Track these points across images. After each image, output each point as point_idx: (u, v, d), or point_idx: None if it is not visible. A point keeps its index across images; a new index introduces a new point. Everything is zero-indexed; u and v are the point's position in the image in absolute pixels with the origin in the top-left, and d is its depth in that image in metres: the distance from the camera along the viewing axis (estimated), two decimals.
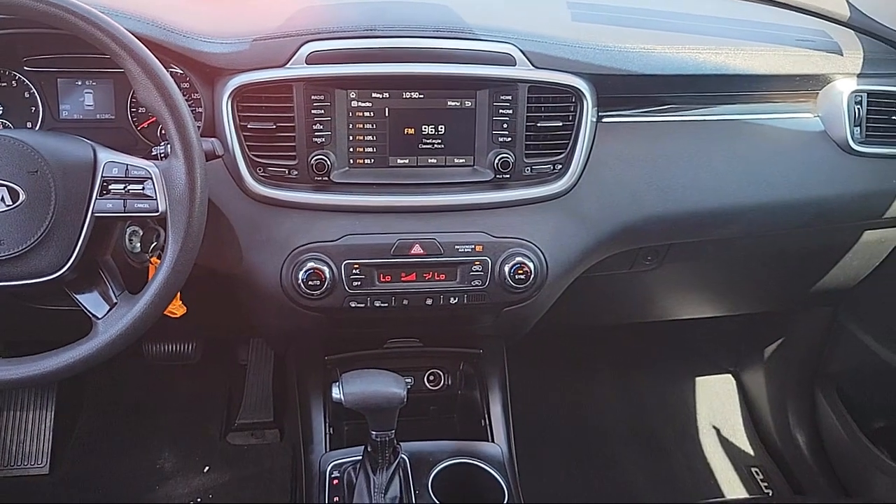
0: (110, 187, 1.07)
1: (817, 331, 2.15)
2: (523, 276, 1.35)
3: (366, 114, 1.31)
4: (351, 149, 1.32)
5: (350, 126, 1.31)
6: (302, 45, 1.27)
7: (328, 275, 1.30)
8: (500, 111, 1.33)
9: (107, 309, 1.09)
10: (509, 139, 1.34)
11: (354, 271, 1.33)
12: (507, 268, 1.35)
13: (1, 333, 1.70)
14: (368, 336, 1.62)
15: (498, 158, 1.34)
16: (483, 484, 1.42)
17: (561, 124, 1.36)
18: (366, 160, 1.33)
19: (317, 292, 1.31)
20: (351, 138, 1.31)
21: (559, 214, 1.40)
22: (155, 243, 1.21)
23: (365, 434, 1.27)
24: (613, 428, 2.38)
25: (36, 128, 1.33)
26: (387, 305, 1.36)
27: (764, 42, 1.51)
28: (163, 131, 1.08)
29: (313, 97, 1.28)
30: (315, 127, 1.29)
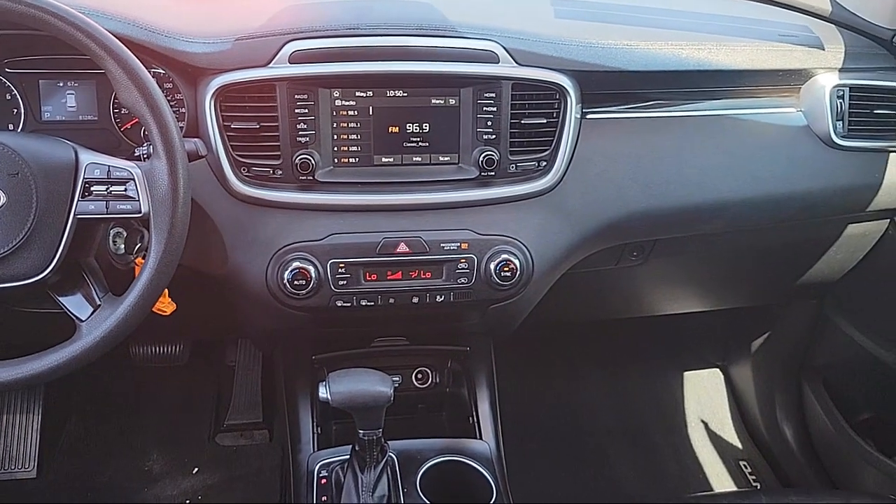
0: (92, 189, 1.06)
1: (803, 324, 2.16)
2: (509, 273, 1.35)
3: (350, 112, 1.31)
4: (335, 148, 1.32)
5: (334, 125, 1.31)
6: (285, 45, 1.26)
7: (314, 274, 1.30)
8: (485, 109, 1.33)
9: (90, 311, 1.09)
10: (494, 136, 1.35)
11: (340, 270, 1.32)
12: (493, 265, 1.35)
13: None
14: (356, 335, 1.62)
15: (483, 156, 1.34)
16: (471, 481, 1.42)
17: (545, 121, 1.37)
18: (350, 159, 1.33)
19: (303, 292, 1.30)
20: (335, 137, 1.31)
21: (544, 211, 1.40)
22: (139, 245, 1.20)
23: (353, 433, 1.27)
24: (601, 423, 2.38)
25: (18, 130, 1.32)
26: (373, 304, 1.36)
27: (747, 37, 1.51)
28: (146, 132, 1.08)
29: (297, 96, 1.27)
30: (299, 126, 1.29)
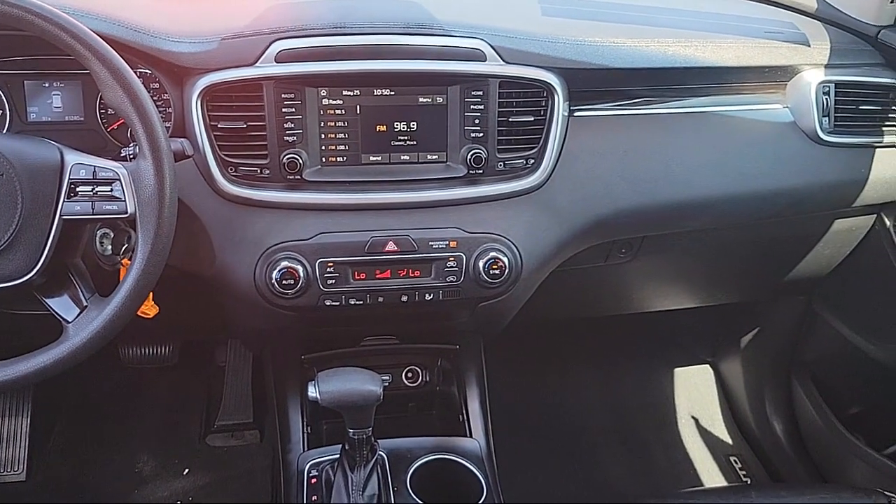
0: (78, 189, 1.05)
1: (792, 320, 2.18)
2: (498, 271, 1.35)
3: (337, 111, 1.30)
4: (323, 147, 1.31)
5: (321, 124, 1.30)
6: (271, 44, 1.26)
7: (302, 274, 1.30)
8: (472, 107, 1.33)
9: (77, 312, 1.08)
10: (481, 135, 1.35)
11: (329, 270, 1.32)
12: (482, 263, 1.35)
13: None
14: (345, 334, 1.62)
15: (470, 154, 1.34)
16: (461, 479, 1.42)
17: (533, 119, 1.37)
18: (338, 158, 1.33)
19: (291, 291, 1.30)
20: (323, 136, 1.31)
21: (533, 209, 1.40)
22: (126, 245, 1.20)
23: (343, 433, 1.27)
24: (592, 420, 2.39)
25: (3, 131, 1.31)
26: (362, 303, 1.36)
27: (733, 34, 1.52)
28: (132, 132, 1.07)
29: (284, 95, 1.27)
30: (286, 125, 1.28)
